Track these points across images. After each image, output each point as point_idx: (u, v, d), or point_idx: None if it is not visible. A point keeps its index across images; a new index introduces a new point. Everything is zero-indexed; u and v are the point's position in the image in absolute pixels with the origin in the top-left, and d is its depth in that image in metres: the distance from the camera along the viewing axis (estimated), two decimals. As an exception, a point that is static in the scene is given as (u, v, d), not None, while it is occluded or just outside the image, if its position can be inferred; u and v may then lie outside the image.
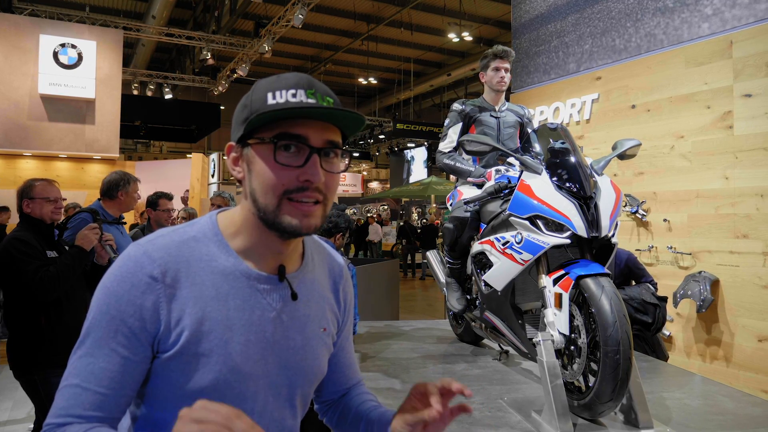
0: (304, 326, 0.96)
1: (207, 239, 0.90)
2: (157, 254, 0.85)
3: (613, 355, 1.78)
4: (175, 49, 19.41)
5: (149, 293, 0.83)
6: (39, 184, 2.92)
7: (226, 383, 0.86)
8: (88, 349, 0.83)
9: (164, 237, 0.89)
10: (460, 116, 3.15)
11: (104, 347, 0.83)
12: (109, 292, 0.84)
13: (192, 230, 0.91)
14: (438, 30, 17.77)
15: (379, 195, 23.54)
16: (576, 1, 5.24)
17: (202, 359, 0.84)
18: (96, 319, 0.84)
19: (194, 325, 0.84)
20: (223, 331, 0.86)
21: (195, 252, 0.88)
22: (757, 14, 3.75)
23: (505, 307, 2.40)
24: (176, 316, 0.84)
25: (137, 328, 0.83)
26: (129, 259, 0.86)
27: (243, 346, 0.87)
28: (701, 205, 4.01)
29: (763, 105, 3.64)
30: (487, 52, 3.20)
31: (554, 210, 2.01)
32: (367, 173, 32.55)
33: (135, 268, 0.84)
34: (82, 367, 0.83)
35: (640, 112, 4.49)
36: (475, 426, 1.99)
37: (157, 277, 0.84)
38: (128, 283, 0.84)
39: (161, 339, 0.84)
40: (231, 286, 0.88)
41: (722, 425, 2.04)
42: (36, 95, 9.45)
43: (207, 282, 0.87)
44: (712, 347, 3.94)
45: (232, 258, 0.90)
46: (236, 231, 0.93)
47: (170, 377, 0.85)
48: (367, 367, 2.80)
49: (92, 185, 10.21)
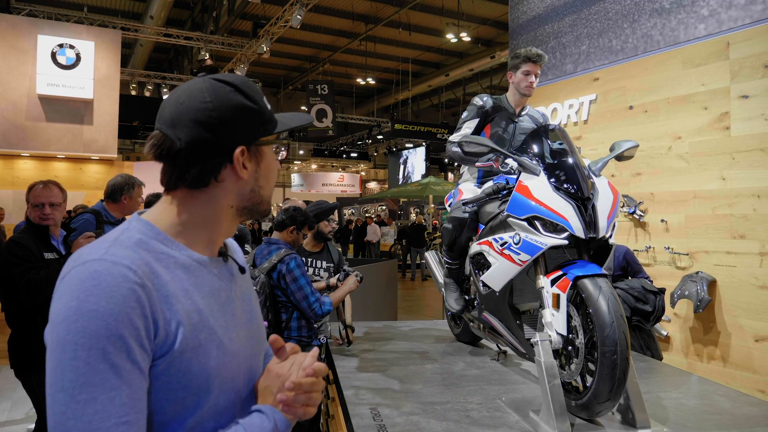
0: (250, 294, 1.06)
1: (152, 239, 0.89)
2: (126, 261, 0.81)
3: (610, 356, 1.79)
4: (173, 50, 19.40)
5: (143, 301, 0.80)
6: (35, 188, 2.94)
7: (224, 367, 0.90)
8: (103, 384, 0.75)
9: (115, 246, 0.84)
10: (480, 112, 2.99)
11: (121, 373, 0.76)
12: (98, 314, 0.76)
13: (132, 234, 0.88)
14: (436, 30, 17.79)
15: (377, 195, 23.56)
16: (573, 2, 5.25)
17: (200, 350, 0.86)
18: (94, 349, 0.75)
19: (185, 321, 0.85)
20: (207, 319, 0.89)
21: (150, 253, 0.87)
22: (753, 15, 3.76)
23: (503, 307, 2.41)
24: (168, 317, 0.84)
25: (142, 341, 0.79)
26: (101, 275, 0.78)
27: (224, 328, 0.92)
28: (698, 206, 4.02)
29: (759, 106, 3.65)
30: (519, 52, 2.99)
31: (552, 211, 2.02)
32: (365, 173, 32.56)
33: (116, 281, 0.78)
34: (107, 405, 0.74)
35: (637, 113, 4.50)
36: (473, 426, 2.00)
37: (141, 282, 0.81)
38: (118, 297, 0.77)
39: (159, 343, 0.82)
40: (195, 276, 0.91)
41: (719, 425, 2.06)
42: (34, 95, 9.45)
43: (175, 277, 0.87)
44: (709, 347, 3.96)
45: (183, 251, 0.92)
46: (184, 228, 0.93)
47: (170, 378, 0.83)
48: (365, 367, 2.80)
49: (90, 185, 10.20)
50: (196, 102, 0.91)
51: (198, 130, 0.90)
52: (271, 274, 2.90)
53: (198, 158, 0.91)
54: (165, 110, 0.92)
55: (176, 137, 0.89)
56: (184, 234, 0.93)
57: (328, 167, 30.36)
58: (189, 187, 0.93)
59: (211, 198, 0.94)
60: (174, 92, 0.95)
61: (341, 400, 2.42)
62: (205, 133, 0.90)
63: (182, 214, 0.93)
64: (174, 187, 0.93)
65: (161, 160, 0.92)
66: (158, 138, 0.91)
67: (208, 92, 0.92)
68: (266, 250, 3.03)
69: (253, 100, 0.95)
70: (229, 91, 0.93)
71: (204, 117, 0.90)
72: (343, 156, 27.04)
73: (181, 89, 0.94)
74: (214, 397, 0.88)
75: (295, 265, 2.89)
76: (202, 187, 0.93)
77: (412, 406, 2.21)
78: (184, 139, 0.89)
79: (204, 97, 0.91)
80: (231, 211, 0.97)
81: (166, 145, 0.90)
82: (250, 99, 0.94)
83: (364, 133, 24.87)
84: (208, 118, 0.90)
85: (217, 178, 0.93)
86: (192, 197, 0.94)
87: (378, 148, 29.25)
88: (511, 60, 3.06)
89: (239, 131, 0.93)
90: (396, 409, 2.17)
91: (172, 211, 0.94)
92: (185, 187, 0.93)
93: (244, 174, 0.94)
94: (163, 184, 0.95)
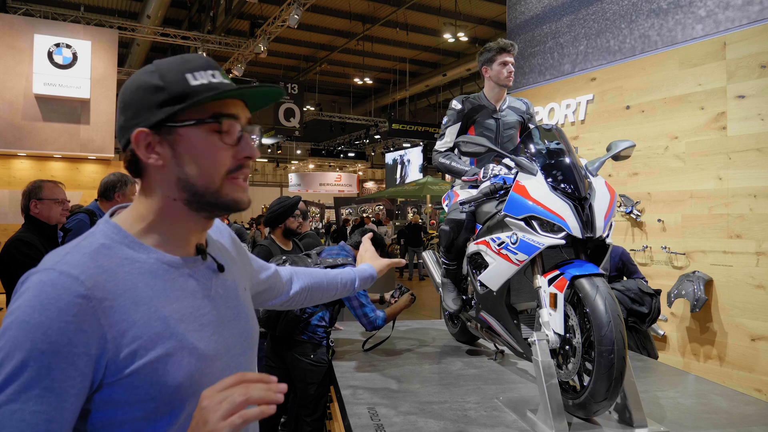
0: (236, 292, 1.01)
1: (117, 243, 0.85)
2: (75, 271, 0.77)
3: (607, 355, 1.79)
4: (170, 49, 19.34)
5: (84, 315, 0.75)
6: (47, 185, 2.93)
7: (199, 372, 0.85)
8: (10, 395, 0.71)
9: (72, 253, 0.81)
10: (459, 116, 3.02)
11: (33, 389, 0.72)
12: (28, 327, 0.72)
13: (96, 239, 0.85)
14: (433, 30, 17.79)
15: (375, 195, 23.54)
16: (571, 3, 5.26)
17: (167, 361, 0.82)
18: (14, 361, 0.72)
19: (144, 332, 0.80)
20: (176, 326, 0.84)
21: (113, 259, 0.82)
22: (750, 16, 3.77)
23: (500, 307, 2.42)
24: (122, 329, 0.78)
25: (74, 358, 0.74)
26: (44, 285, 0.75)
27: (199, 332, 0.87)
28: (695, 206, 4.03)
29: (756, 106, 3.67)
30: (490, 45, 3.02)
31: (549, 211, 2.02)
32: (362, 173, 32.55)
33: (57, 292, 0.75)
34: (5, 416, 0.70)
35: (634, 113, 4.51)
36: (470, 425, 2.00)
37: (86, 294, 0.76)
38: (53, 310, 0.73)
39: (111, 359, 0.77)
40: (163, 280, 0.86)
41: (715, 424, 2.06)
42: (30, 95, 9.42)
43: (138, 284, 0.83)
44: (705, 346, 3.97)
45: (152, 253, 0.87)
46: (147, 226, 0.89)
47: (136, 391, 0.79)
48: (362, 367, 2.80)
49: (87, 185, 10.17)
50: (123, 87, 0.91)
51: (119, 115, 0.90)
52: None
53: (124, 145, 0.90)
54: None
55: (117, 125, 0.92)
56: (150, 234, 0.89)
57: (325, 167, 30.35)
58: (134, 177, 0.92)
59: (150, 188, 0.90)
60: None
61: (339, 399, 2.42)
62: (121, 117, 0.90)
63: (139, 209, 0.90)
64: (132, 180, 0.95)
65: None
66: None
67: (133, 77, 0.91)
68: (335, 251, 3.15)
69: (163, 78, 0.86)
70: (144, 72, 0.89)
71: (120, 101, 0.90)
72: (341, 156, 27.03)
73: None
74: (191, 405, 0.83)
75: None
76: (140, 177, 0.91)
77: (409, 405, 2.21)
78: (117, 126, 0.91)
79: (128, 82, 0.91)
80: (176, 204, 0.89)
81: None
82: (161, 77, 0.87)
83: (362, 132, 24.86)
84: (121, 101, 0.90)
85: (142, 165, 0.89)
86: (142, 190, 0.92)
87: (375, 148, 29.25)
88: (482, 55, 3.06)
89: (136, 113, 0.87)
90: (393, 408, 2.17)
91: (135, 209, 0.91)
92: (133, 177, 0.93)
93: (153, 160, 0.87)
94: None
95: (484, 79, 3.08)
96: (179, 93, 0.85)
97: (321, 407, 3.02)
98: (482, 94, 3.09)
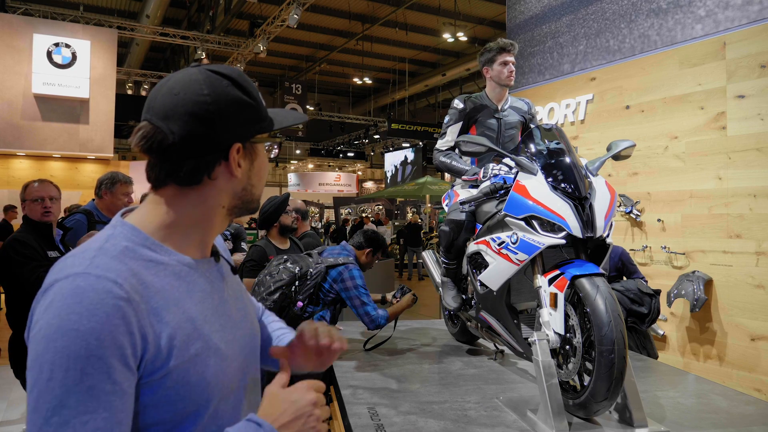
0: (243, 295, 1.04)
1: (139, 246, 0.84)
2: (112, 275, 0.77)
3: (607, 355, 1.79)
4: (170, 49, 19.36)
5: (129, 317, 0.75)
6: (31, 185, 2.94)
7: (222, 373, 0.87)
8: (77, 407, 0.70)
9: (99, 257, 0.79)
10: (461, 115, 3.02)
11: (99, 396, 0.72)
12: (79, 334, 0.71)
13: (118, 241, 0.84)
14: (433, 30, 17.79)
15: (374, 195, 23.52)
16: (570, 2, 5.26)
17: (197, 361, 0.83)
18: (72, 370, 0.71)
19: (179, 333, 0.81)
20: (202, 327, 0.85)
21: (138, 261, 0.82)
22: (749, 16, 3.77)
23: (500, 306, 2.41)
24: (158, 330, 0.79)
25: (127, 359, 0.75)
26: (84, 291, 0.74)
27: (220, 333, 0.89)
28: (695, 206, 4.03)
29: (755, 106, 3.67)
30: (490, 45, 3.02)
31: (549, 210, 2.02)
32: (362, 173, 32.55)
33: (99, 296, 0.74)
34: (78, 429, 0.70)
35: (634, 113, 4.51)
36: (471, 425, 2.00)
37: (127, 297, 0.76)
38: (101, 314, 0.73)
39: (150, 359, 0.78)
40: (186, 282, 0.87)
41: (715, 423, 2.06)
42: (30, 95, 9.42)
43: (165, 286, 0.83)
44: (705, 346, 3.97)
45: (173, 255, 0.87)
46: (171, 231, 0.89)
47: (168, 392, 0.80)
48: (362, 366, 2.80)
49: (86, 185, 10.17)
50: (193, 94, 0.85)
51: (194, 124, 0.84)
52: (330, 270, 2.98)
53: (191, 154, 0.86)
54: (156, 101, 0.87)
55: (169, 130, 0.84)
56: (172, 237, 0.88)
57: (324, 167, 30.34)
58: (179, 185, 0.88)
59: (203, 197, 0.89)
60: (165, 82, 0.89)
61: (339, 399, 2.42)
62: (201, 128, 0.85)
63: (170, 215, 0.88)
64: (162, 184, 0.88)
65: (150, 154, 0.86)
66: (148, 130, 0.85)
67: (206, 84, 0.86)
68: (337, 251, 3.14)
69: (250, 95, 0.91)
70: (227, 85, 0.88)
71: (201, 110, 0.85)
72: (340, 156, 27.02)
73: (174, 79, 0.88)
74: (215, 405, 0.86)
75: (358, 275, 2.99)
76: (194, 184, 0.88)
77: (409, 405, 2.21)
78: (178, 132, 0.84)
79: (201, 89, 0.86)
80: (222, 210, 0.93)
81: (157, 138, 0.85)
82: (248, 94, 0.90)
83: (361, 132, 24.85)
84: (205, 111, 0.85)
85: (211, 175, 0.88)
86: (182, 196, 0.88)
87: (375, 148, 29.24)
88: (483, 55, 3.07)
89: (237, 127, 0.89)
90: (394, 408, 2.17)
91: (159, 212, 0.89)
92: (175, 184, 0.87)
93: (238, 172, 0.90)
94: (150, 180, 0.89)
95: (486, 79, 3.09)
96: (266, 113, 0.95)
97: None
98: (484, 93, 3.09)
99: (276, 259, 3.07)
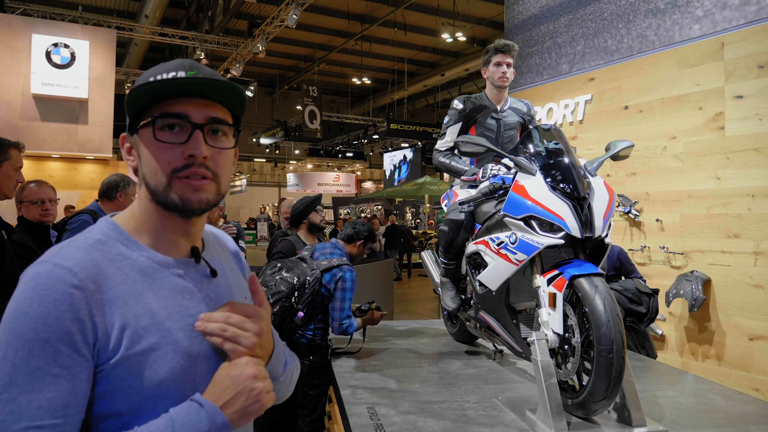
0: (231, 299, 1.00)
1: (113, 240, 0.88)
2: (69, 263, 0.81)
3: (606, 354, 1.79)
4: (169, 49, 19.34)
5: (78, 304, 0.78)
6: (28, 186, 2.94)
7: (182, 370, 0.86)
8: (23, 386, 0.75)
9: (68, 247, 0.85)
10: (460, 115, 3.04)
11: (44, 377, 0.75)
12: (29, 318, 0.76)
13: (93, 234, 0.88)
14: (432, 30, 17.80)
15: (373, 195, 23.52)
16: (568, 3, 5.27)
17: (151, 354, 0.83)
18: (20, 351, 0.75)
19: (132, 324, 0.82)
20: (162, 322, 0.86)
21: (106, 254, 0.86)
22: (747, 16, 3.78)
23: (499, 306, 2.42)
24: (111, 320, 0.81)
25: (76, 344, 0.78)
26: (40, 277, 0.79)
27: (185, 331, 0.88)
28: (693, 206, 4.04)
29: (753, 106, 3.67)
30: (489, 46, 3.04)
31: (548, 210, 2.03)
32: (360, 173, 32.54)
33: (52, 283, 0.78)
34: (23, 407, 0.74)
35: (632, 113, 4.52)
36: (470, 425, 2.00)
37: (79, 285, 0.79)
38: (50, 300, 0.77)
39: (101, 348, 0.80)
40: (153, 278, 0.88)
41: (714, 423, 2.07)
42: (28, 95, 9.40)
43: (128, 280, 0.85)
44: (704, 346, 3.97)
45: (144, 252, 0.90)
46: (138, 224, 0.92)
47: (120, 383, 0.82)
48: (362, 366, 2.81)
49: (85, 185, 10.16)
50: None
51: None
52: (324, 274, 2.99)
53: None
54: None
55: None
56: (143, 233, 0.92)
57: (323, 167, 30.33)
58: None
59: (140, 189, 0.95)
60: None
61: (338, 399, 2.42)
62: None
63: (134, 209, 0.94)
64: None
65: None
66: None
67: None
68: (329, 250, 3.13)
69: (134, 81, 0.95)
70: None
71: None
72: (339, 156, 27.00)
73: None
74: (174, 402, 0.85)
75: (350, 278, 3.00)
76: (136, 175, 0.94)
77: (409, 405, 2.21)
78: None
79: None
80: (152, 204, 0.92)
81: None
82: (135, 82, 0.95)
83: (360, 132, 24.84)
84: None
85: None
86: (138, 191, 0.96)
87: (374, 148, 29.23)
88: (483, 57, 3.10)
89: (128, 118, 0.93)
90: (393, 408, 2.17)
91: (131, 208, 0.95)
92: None
93: (130, 162, 0.95)
94: None
95: (485, 79, 3.11)
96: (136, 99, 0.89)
97: (320, 408, 3.02)
98: (484, 94, 3.11)
99: (269, 267, 3.06)
